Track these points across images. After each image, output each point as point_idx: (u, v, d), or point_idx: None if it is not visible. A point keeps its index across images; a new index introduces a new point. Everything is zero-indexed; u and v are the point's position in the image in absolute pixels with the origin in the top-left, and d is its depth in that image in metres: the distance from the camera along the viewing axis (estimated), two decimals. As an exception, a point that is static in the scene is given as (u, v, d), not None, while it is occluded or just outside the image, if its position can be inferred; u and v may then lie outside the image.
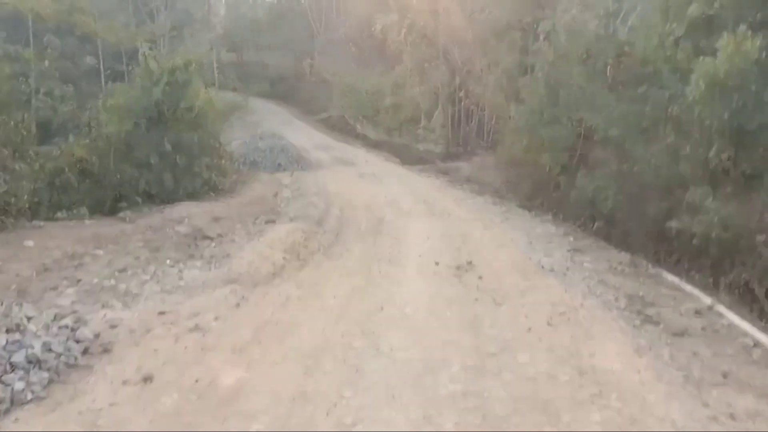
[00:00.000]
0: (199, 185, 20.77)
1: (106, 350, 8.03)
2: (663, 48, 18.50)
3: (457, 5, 33.54)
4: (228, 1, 68.89)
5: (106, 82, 36.02)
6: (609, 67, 20.64)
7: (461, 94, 34.70)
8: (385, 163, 32.41)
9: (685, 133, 14.89)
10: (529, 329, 8.05)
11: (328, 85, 50.05)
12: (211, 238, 14.28)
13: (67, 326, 8.70)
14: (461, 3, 33.28)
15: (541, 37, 22.91)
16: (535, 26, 29.21)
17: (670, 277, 11.14)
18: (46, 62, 36.68)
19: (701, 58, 15.02)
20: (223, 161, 24.23)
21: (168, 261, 12.14)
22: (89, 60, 46.22)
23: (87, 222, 15.22)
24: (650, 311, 8.78)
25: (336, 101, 47.97)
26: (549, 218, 17.82)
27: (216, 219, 16.37)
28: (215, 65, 56.44)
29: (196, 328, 8.52)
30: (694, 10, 18.82)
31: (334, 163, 31.86)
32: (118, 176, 17.33)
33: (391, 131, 39.13)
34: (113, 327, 8.67)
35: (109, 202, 17.17)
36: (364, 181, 25.72)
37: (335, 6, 56.46)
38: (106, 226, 14.86)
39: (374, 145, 39.27)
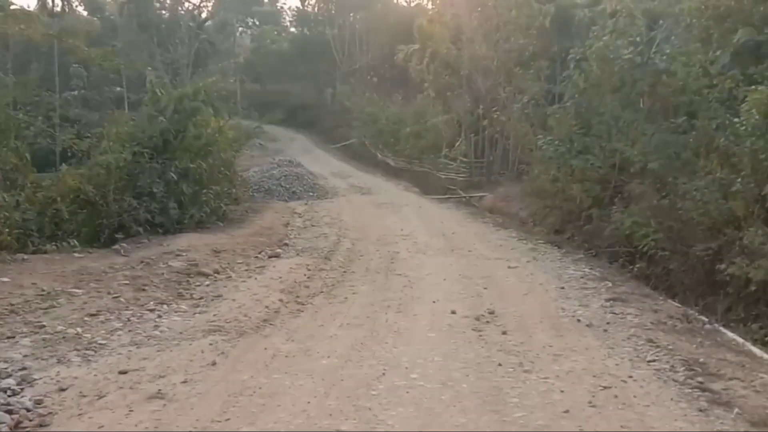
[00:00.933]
0: (207, 214, 19.21)
1: (42, 424, 6.32)
2: (708, 76, 16.77)
3: (482, 34, 31.95)
4: (253, 32, 68.00)
5: (128, 110, 35.01)
6: (644, 96, 18.95)
7: (485, 122, 33.01)
8: (404, 193, 30.77)
9: (735, 167, 13.09)
10: (567, 411, 6.21)
11: (349, 113, 48.72)
12: (206, 275, 12.61)
13: (8, 389, 7.06)
14: (485, 32, 31.67)
15: (572, 65, 21.14)
16: (563, 55, 27.65)
17: (731, 335, 9.24)
18: (75, 92, 35.96)
19: (754, 87, 13.30)
20: (234, 190, 22.75)
21: (151, 303, 10.46)
22: (118, 89, 45.59)
23: (77, 255, 13.65)
24: (716, 385, 6.89)
25: (356, 129, 46.58)
26: (581, 256, 15.96)
27: (217, 252, 14.75)
28: (239, 94, 55.51)
29: (158, 394, 6.79)
30: (741, 36, 17.12)
31: (352, 192, 30.30)
32: (117, 206, 15.77)
33: (412, 160, 37.50)
34: (62, 390, 6.97)
35: (107, 233, 15.61)
36: (380, 212, 24.04)
37: (358, 37, 55.27)
38: (96, 260, 13.29)
39: (394, 174, 37.72)
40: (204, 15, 52.73)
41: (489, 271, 13.54)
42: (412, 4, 54.97)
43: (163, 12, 45.69)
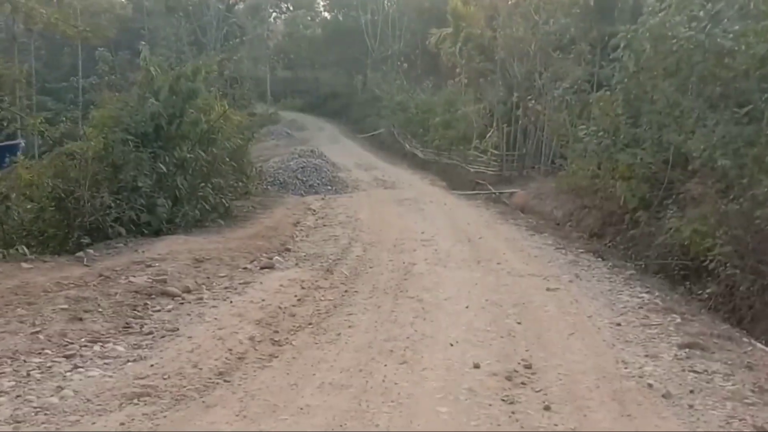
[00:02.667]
0: (205, 212, 16.53)
1: None
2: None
3: (519, 14, 28.74)
4: (287, 18, 65.20)
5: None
6: (705, 81, 15.76)
7: (518, 112, 29.84)
8: (430, 187, 27.76)
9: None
10: None
11: (379, 102, 45.76)
12: (173, 296, 9.85)
13: None
14: (524, 11, 28.44)
15: (621, 45, 17.89)
16: (606, 39, 24.50)
17: None
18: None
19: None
20: (242, 183, 20.05)
21: (82, 340, 7.74)
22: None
23: (25, 265, 10.99)
24: None
25: (386, 119, 43.61)
26: (631, 272, 12.91)
27: (199, 261, 12.01)
28: (268, 81, 52.88)
29: None
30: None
31: (374, 186, 27.40)
32: (90, 204, 13.07)
33: (441, 151, 34.45)
34: None
35: (76, 236, 12.94)
36: (401, 209, 21.11)
37: (391, 22, 52.08)
38: (47, 272, 10.66)
39: (421, 166, 34.73)
40: (233, -3, 50.04)
41: (523, 295, 10.56)
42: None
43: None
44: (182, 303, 9.61)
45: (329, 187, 25.52)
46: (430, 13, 44.46)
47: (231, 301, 9.63)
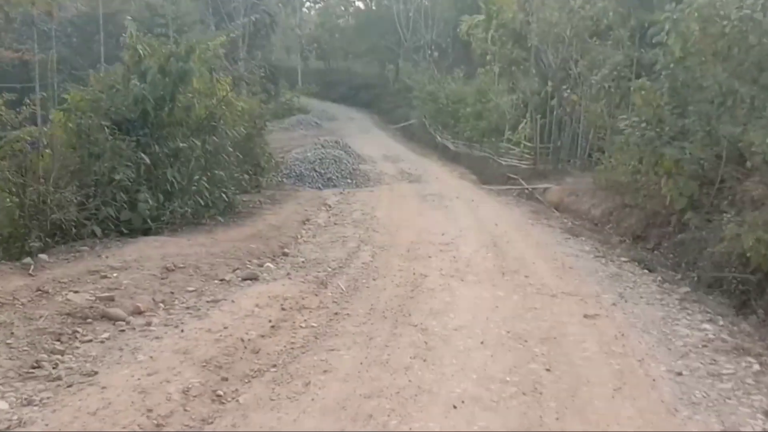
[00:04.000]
0: (201, 207, 14.41)
1: None
2: None
3: (554, 1, 26.04)
4: (320, 8, 62.96)
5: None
6: (760, 66, 13.26)
7: (553, 102, 27.17)
8: (458, 181, 25.32)
9: None
10: None
11: (411, 92, 43.26)
12: (115, 320, 7.71)
13: None
14: (560, -2, 25.74)
15: (666, 27, 15.29)
16: (646, 26, 21.95)
17: None
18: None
19: None
20: (247, 176, 17.91)
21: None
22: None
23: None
24: None
25: (417, 109, 41.15)
26: (686, 289, 10.38)
27: (168, 271, 9.86)
28: (299, 71, 50.80)
29: None
30: None
31: (399, 179, 25.04)
32: (50, 200, 10.96)
33: (472, 143, 31.88)
34: None
35: (33, 237, 10.81)
36: (424, 206, 18.78)
37: (423, 11, 49.42)
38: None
39: (452, 158, 32.23)
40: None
41: (554, 325, 8.15)
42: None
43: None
44: (123, 330, 7.45)
45: (349, 180, 23.26)
46: (464, 1, 41.73)
47: (182, 330, 7.42)
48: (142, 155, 12.71)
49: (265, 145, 22.07)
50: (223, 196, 15.42)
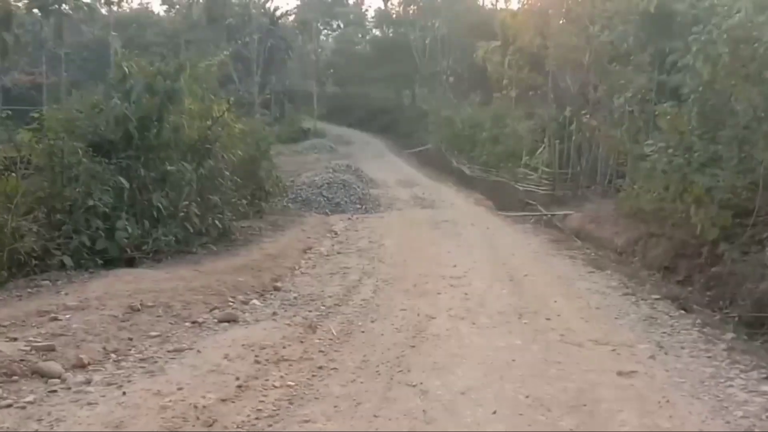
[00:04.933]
0: (190, 235, 12.98)
1: None
2: None
3: (572, 22, 24.60)
4: (337, 35, 62.10)
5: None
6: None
7: (572, 127, 25.63)
8: (473, 208, 23.78)
9: None
10: None
11: (426, 117, 41.98)
12: (49, 377, 6.22)
13: None
14: (577, 17, 24.28)
15: (694, 48, 13.83)
16: (667, 51, 20.56)
17: None
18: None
19: None
20: (246, 200, 16.52)
21: None
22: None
23: None
24: None
25: (433, 134, 39.79)
26: (731, 335, 8.69)
27: (134, 311, 8.39)
28: (315, 97, 49.76)
29: None
30: None
31: (411, 205, 23.56)
32: (6, 229, 9.55)
33: (488, 168, 30.34)
34: None
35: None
36: (436, 234, 17.27)
37: (440, 39, 48.22)
38: None
39: (467, 183, 30.70)
40: (279, 12, 46.92)
41: (583, 386, 6.53)
42: (496, 4, 47.69)
43: (235, 5, 40.01)
44: (54, 391, 5.94)
45: (358, 206, 21.82)
46: (479, 28, 40.53)
47: (125, 392, 5.90)
48: (121, 179, 11.32)
49: (272, 169, 20.74)
50: (217, 222, 13.99)
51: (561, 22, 25.33)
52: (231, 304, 9.49)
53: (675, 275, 12.90)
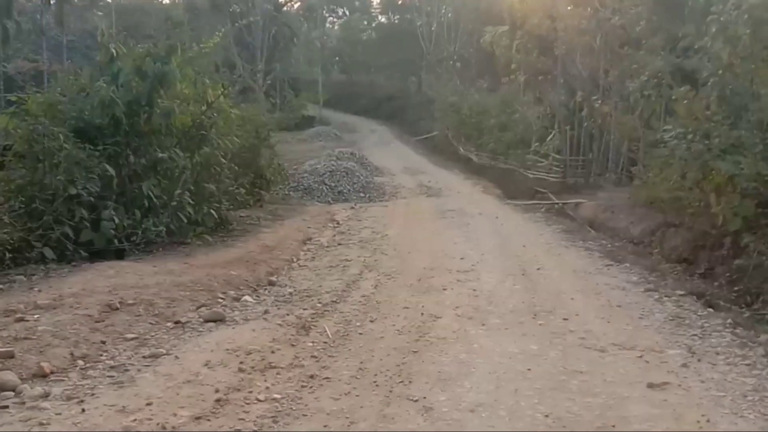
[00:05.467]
0: (184, 225, 12.17)
1: None
2: None
3: (582, 9, 23.53)
4: (342, 22, 60.96)
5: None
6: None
7: (583, 113, 24.65)
8: (481, 196, 22.83)
9: None
10: None
11: (433, 104, 40.95)
12: (2, 390, 5.43)
13: None
14: (587, 3, 23.21)
15: (714, 29, 12.92)
16: (680, 35, 19.59)
17: None
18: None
19: None
20: (244, 189, 15.70)
21: None
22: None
23: None
24: None
25: (439, 121, 38.79)
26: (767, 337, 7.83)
27: (112, 310, 7.59)
28: (320, 84, 48.79)
29: None
30: None
31: (417, 193, 22.66)
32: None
33: (497, 155, 29.36)
34: None
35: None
36: (442, 223, 16.40)
37: (446, 23, 47.05)
38: None
39: (475, 171, 29.71)
40: (283, -1, 45.85)
41: (609, 402, 5.68)
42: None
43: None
44: (4, 407, 5.14)
45: (362, 195, 20.92)
46: (487, 13, 39.41)
47: (84, 409, 5.09)
48: (107, 166, 10.49)
49: (274, 157, 19.88)
50: (213, 212, 13.17)
51: (569, 9, 24.26)
52: (221, 301, 8.68)
53: (695, 267, 12.10)
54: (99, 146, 10.90)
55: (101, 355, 6.35)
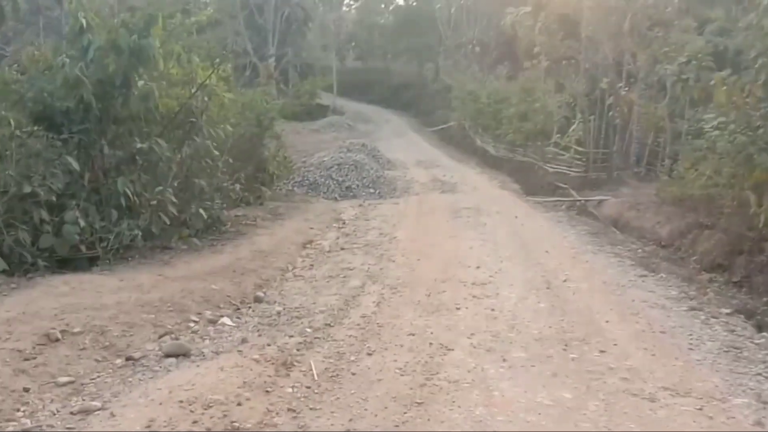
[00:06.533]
0: (167, 228, 10.82)
1: None
2: None
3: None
4: (359, 6, 59.20)
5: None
6: None
7: (608, 101, 23.03)
8: (499, 191, 21.33)
9: None
10: None
11: (450, 93, 39.29)
12: None
13: None
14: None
15: (765, 2, 11.34)
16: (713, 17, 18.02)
17: None
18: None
19: None
20: (240, 185, 14.33)
21: None
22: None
23: None
24: None
25: (456, 110, 37.17)
26: None
27: (50, 341, 6.32)
28: (334, 70, 47.24)
29: None
30: None
31: (430, 188, 21.18)
32: None
33: (515, 147, 27.78)
34: None
35: None
36: (456, 224, 14.94)
37: (466, 6, 45.17)
38: None
39: (493, 164, 28.21)
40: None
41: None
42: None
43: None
44: None
45: (372, 190, 19.48)
46: (509, -4, 37.66)
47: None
48: (69, 159, 9.12)
49: (281, 149, 18.50)
50: (201, 212, 11.79)
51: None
52: (192, 325, 7.32)
53: (731, 275, 10.67)
54: (64, 135, 9.52)
55: (17, 411, 5.00)
